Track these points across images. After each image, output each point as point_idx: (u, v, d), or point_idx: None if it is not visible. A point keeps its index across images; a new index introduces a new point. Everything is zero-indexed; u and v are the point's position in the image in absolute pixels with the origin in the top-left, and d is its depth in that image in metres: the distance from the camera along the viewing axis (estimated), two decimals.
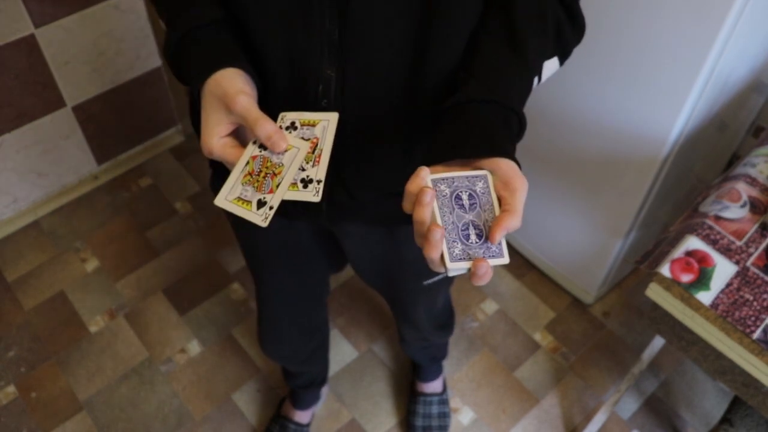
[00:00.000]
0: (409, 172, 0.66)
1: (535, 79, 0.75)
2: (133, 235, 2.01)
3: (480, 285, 0.61)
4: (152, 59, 1.99)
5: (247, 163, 0.65)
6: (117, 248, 1.98)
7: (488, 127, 0.66)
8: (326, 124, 0.67)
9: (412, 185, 0.60)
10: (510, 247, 1.99)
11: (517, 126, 0.70)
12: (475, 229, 0.61)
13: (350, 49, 0.72)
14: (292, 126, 0.67)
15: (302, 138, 0.66)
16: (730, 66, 1.28)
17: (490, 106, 0.68)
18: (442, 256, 0.59)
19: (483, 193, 0.62)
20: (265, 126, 0.64)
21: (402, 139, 0.80)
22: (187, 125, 2.24)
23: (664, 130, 1.35)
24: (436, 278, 1.15)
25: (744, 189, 1.09)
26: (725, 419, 1.24)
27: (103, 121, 2.01)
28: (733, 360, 0.98)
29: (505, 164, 0.64)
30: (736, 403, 1.25)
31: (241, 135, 0.69)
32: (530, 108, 1.71)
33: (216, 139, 0.67)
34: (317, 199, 0.63)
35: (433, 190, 0.60)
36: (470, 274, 0.59)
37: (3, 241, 1.98)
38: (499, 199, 0.63)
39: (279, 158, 0.65)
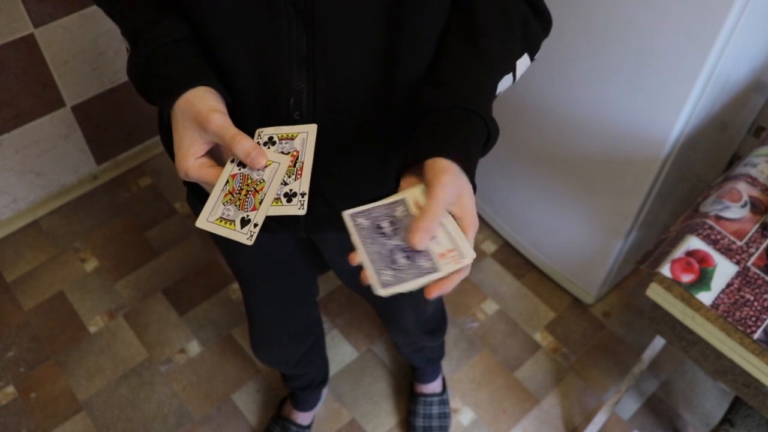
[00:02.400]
0: (386, 177, 0.66)
1: (509, 77, 0.75)
2: (132, 235, 2.01)
3: (438, 295, 0.61)
4: None
5: (227, 182, 0.64)
6: (116, 248, 1.98)
7: (435, 131, 0.67)
8: (305, 136, 0.66)
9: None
10: (510, 247, 1.99)
11: (482, 126, 0.69)
12: (402, 252, 0.61)
13: (320, 60, 0.71)
14: (270, 141, 0.66)
15: (282, 152, 0.65)
16: (731, 66, 1.28)
17: (448, 112, 0.68)
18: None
19: (404, 216, 0.63)
20: (242, 143, 0.63)
21: (377, 145, 0.80)
22: None
23: (664, 130, 1.35)
24: None
25: (744, 189, 1.09)
26: (726, 419, 1.23)
27: (103, 121, 2.00)
28: (734, 360, 0.98)
29: (431, 164, 0.63)
30: (736, 404, 1.25)
31: (216, 154, 0.67)
32: (531, 108, 1.71)
33: (192, 160, 0.65)
34: (302, 212, 0.63)
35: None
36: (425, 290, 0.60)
37: (2, 241, 1.98)
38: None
39: (259, 174, 0.64)
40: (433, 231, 0.60)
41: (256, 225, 0.62)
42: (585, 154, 1.55)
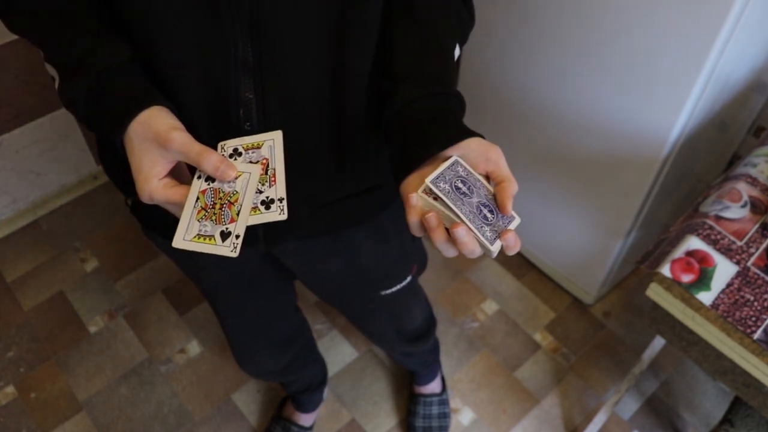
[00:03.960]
0: (342, 179, 0.66)
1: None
2: (132, 235, 2.01)
3: (513, 254, 0.63)
4: None
5: (197, 198, 0.63)
6: (116, 248, 1.98)
7: (441, 117, 0.67)
8: (272, 143, 0.65)
9: (412, 217, 0.62)
10: None
11: (459, 105, 0.70)
12: (485, 207, 0.62)
13: (267, 70, 0.70)
14: (236, 153, 0.65)
15: (250, 162, 0.64)
16: (731, 66, 1.28)
17: (432, 99, 0.68)
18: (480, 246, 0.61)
19: (468, 175, 0.64)
20: (209, 157, 0.61)
21: (330, 150, 0.80)
22: None
23: (664, 130, 1.35)
24: (394, 288, 1.13)
25: (745, 189, 1.09)
26: (726, 419, 1.23)
27: None
28: (734, 360, 0.98)
29: (474, 142, 0.64)
30: (736, 404, 1.25)
31: (175, 174, 0.65)
32: (530, 108, 1.71)
33: (155, 182, 0.63)
34: (284, 216, 0.62)
35: (435, 213, 0.61)
36: (503, 248, 0.62)
37: (2, 241, 1.98)
38: (486, 175, 0.64)
39: (231, 186, 0.63)
40: (515, 192, 0.63)
41: (238, 236, 0.61)
42: (585, 154, 1.55)
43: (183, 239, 0.62)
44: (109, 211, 2.06)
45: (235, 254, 0.61)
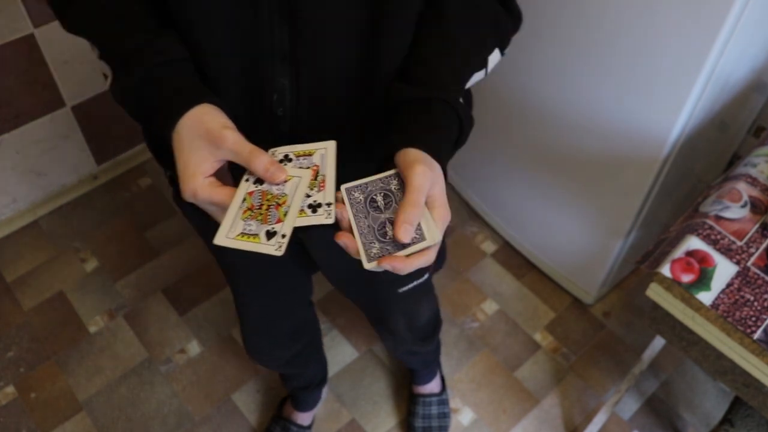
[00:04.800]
0: (368, 169, 0.67)
1: (481, 72, 0.76)
2: (132, 235, 2.01)
3: (405, 272, 0.62)
4: None
5: (244, 199, 0.64)
6: (116, 248, 1.98)
7: (405, 123, 0.68)
8: (324, 152, 0.66)
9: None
10: (510, 247, 1.99)
11: (452, 115, 0.69)
12: (390, 226, 0.63)
13: (302, 57, 0.71)
14: (287, 159, 0.66)
15: (300, 167, 0.65)
16: (731, 66, 1.28)
17: (418, 103, 0.69)
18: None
19: (398, 190, 0.64)
20: (261, 158, 0.62)
21: (358, 139, 0.81)
22: None
23: (664, 130, 1.35)
24: (410, 285, 1.14)
25: (745, 189, 1.09)
26: (726, 420, 1.23)
27: (103, 121, 2.00)
28: (734, 360, 0.98)
29: (403, 155, 0.64)
30: (736, 404, 1.25)
31: (218, 176, 0.66)
32: (530, 108, 1.71)
33: (201, 180, 0.63)
34: (331, 220, 0.63)
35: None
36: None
37: (2, 241, 1.98)
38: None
39: (280, 189, 0.64)
40: (417, 221, 0.61)
41: (284, 236, 0.62)
42: (585, 154, 1.55)
43: (226, 236, 0.63)
44: (109, 211, 2.06)
45: (280, 253, 0.61)
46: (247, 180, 0.64)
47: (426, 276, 1.17)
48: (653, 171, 1.44)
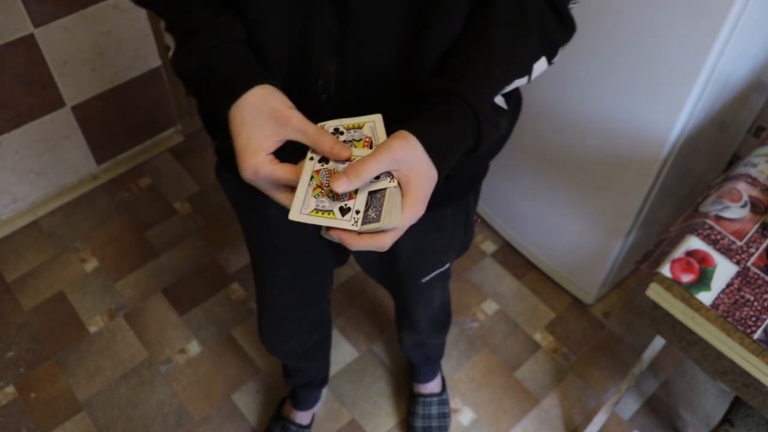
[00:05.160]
0: None
1: (524, 78, 0.77)
2: (132, 235, 2.01)
3: (354, 249, 0.64)
4: (152, 59, 1.99)
5: (311, 177, 0.65)
6: (116, 248, 1.98)
7: (416, 112, 0.68)
8: (372, 124, 0.68)
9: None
10: (510, 247, 1.99)
11: (470, 113, 0.69)
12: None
13: (350, 46, 0.72)
14: (337, 131, 0.68)
15: (353, 140, 0.67)
16: (731, 66, 1.28)
17: (436, 95, 0.69)
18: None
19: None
20: (326, 138, 0.64)
21: (399, 127, 0.81)
22: (186, 125, 2.24)
23: (664, 130, 1.35)
24: (432, 275, 1.16)
25: (745, 189, 1.09)
26: (726, 420, 1.23)
27: (103, 121, 2.00)
28: (734, 360, 0.98)
29: (394, 134, 0.66)
30: (736, 404, 1.25)
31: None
32: (530, 108, 1.71)
33: (263, 156, 0.65)
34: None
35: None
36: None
37: (2, 241, 1.98)
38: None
39: (344, 167, 0.65)
40: (358, 183, 0.62)
41: (357, 212, 0.63)
42: (585, 154, 1.55)
43: (300, 212, 0.64)
44: (109, 211, 2.06)
45: (356, 227, 0.63)
46: (311, 159, 0.65)
47: (447, 265, 1.18)
48: (653, 171, 1.44)
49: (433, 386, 1.65)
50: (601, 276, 1.76)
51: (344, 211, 0.64)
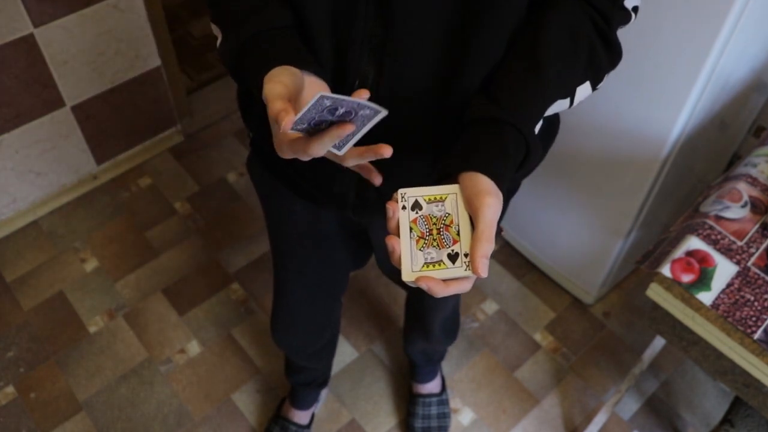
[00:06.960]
0: (428, 175, 0.68)
1: (566, 102, 0.76)
2: (132, 235, 2.01)
3: (440, 296, 0.62)
4: (152, 59, 1.99)
5: (411, 229, 0.63)
6: (116, 248, 1.98)
7: (472, 141, 0.68)
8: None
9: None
10: (510, 247, 1.99)
11: (521, 142, 0.69)
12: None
13: (390, 51, 0.74)
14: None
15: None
16: (731, 66, 1.28)
17: (490, 125, 0.68)
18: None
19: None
20: (275, 105, 0.62)
21: (429, 146, 0.81)
22: (186, 125, 2.24)
23: (664, 129, 1.35)
24: None
25: (745, 189, 1.09)
26: (726, 420, 1.23)
27: (103, 121, 2.00)
28: (734, 360, 0.98)
29: (471, 179, 0.64)
30: (736, 404, 1.25)
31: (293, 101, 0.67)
32: None
33: (275, 82, 0.65)
34: (469, 273, 0.63)
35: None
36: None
37: (2, 241, 1.98)
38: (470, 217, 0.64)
39: (440, 210, 0.64)
40: (490, 253, 0.62)
41: (466, 255, 0.62)
42: (585, 154, 1.55)
43: (411, 271, 0.62)
44: (109, 211, 2.06)
45: (469, 272, 0.62)
46: (404, 208, 0.64)
47: None
48: (653, 171, 1.44)
49: (432, 386, 1.65)
50: (601, 276, 1.76)
51: (453, 257, 0.62)
